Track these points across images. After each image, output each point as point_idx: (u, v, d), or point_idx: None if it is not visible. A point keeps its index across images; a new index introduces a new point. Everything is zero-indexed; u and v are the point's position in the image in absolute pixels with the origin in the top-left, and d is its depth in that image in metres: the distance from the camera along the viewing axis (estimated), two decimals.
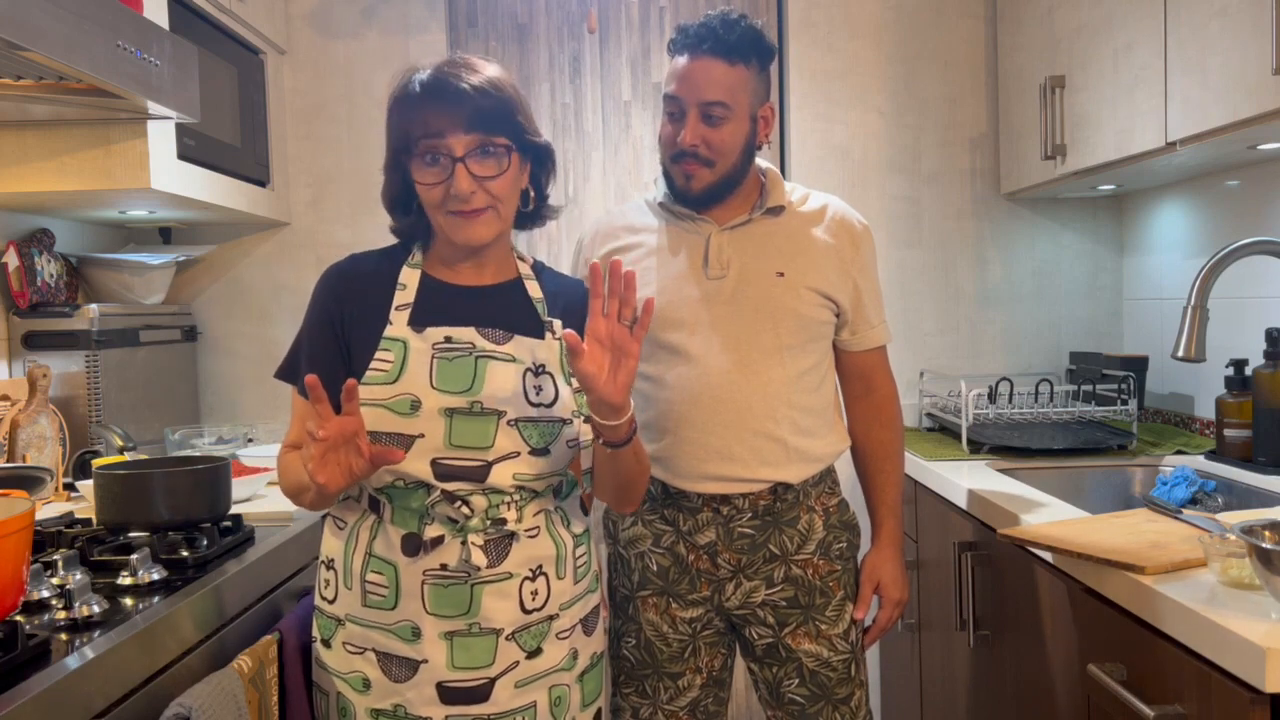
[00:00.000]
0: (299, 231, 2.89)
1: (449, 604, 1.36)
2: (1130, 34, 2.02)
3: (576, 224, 2.92)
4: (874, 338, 1.78)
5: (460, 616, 1.36)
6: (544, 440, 1.38)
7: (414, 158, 1.36)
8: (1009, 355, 2.89)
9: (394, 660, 1.38)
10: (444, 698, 1.37)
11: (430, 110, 1.34)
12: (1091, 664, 1.41)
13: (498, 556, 1.37)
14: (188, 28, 2.23)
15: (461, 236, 1.38)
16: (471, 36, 2.94)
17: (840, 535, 1.74)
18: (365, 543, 1.40)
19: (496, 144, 1.36)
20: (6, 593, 1.16)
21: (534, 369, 1.40)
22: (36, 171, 2.04)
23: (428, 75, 1.36)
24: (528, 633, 1.40)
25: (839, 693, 1.70)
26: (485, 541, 1.36)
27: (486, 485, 1.36)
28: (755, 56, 1.64)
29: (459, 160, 1.33)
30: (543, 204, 1.49)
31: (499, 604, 1.37)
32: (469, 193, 1.34)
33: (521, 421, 1.37)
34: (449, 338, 1.38)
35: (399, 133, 1.38)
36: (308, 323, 1.45)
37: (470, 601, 1.36)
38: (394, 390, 1.35)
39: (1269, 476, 1.93)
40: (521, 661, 1.40)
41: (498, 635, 1.37)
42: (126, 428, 2.22)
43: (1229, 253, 1.76)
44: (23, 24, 1.44)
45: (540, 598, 1.40)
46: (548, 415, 1.38)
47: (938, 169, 2.86)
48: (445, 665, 1.36)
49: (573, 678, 1.46)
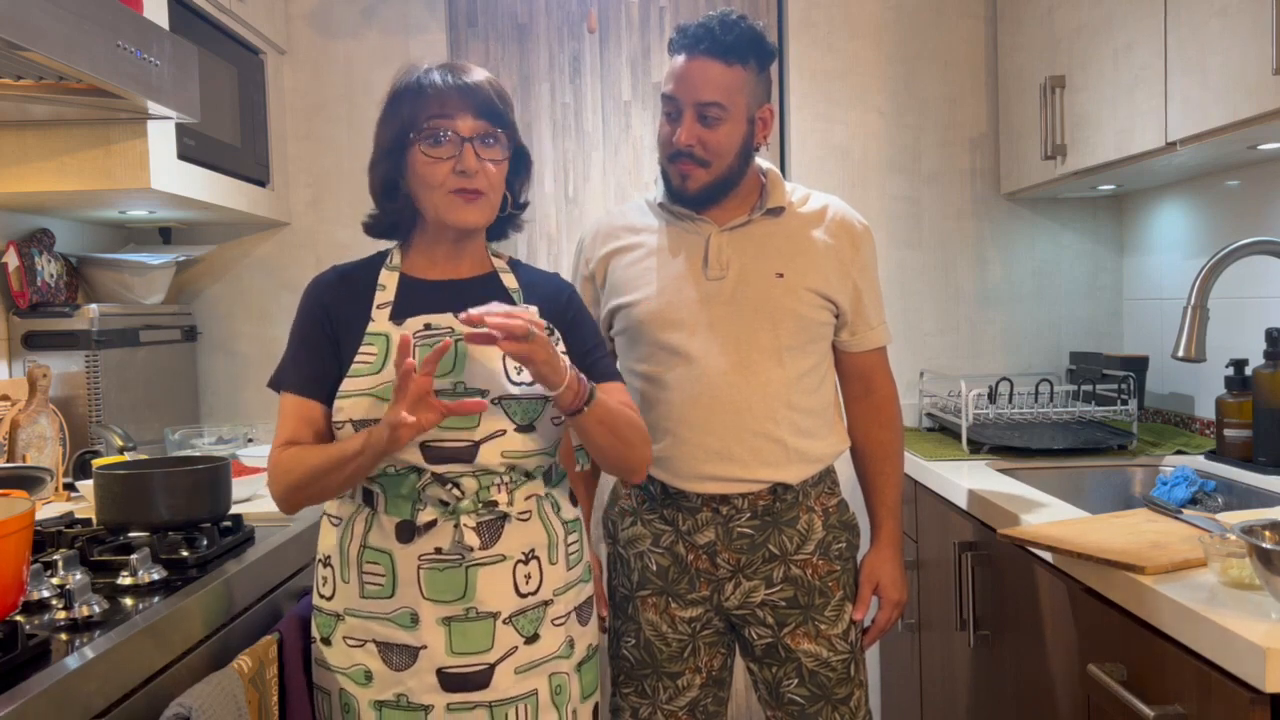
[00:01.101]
0: (299, 231, 2.89)
1: (445, 588, 1.39)
2: (1130, 34, 2.02)
3: (577, 224, 2.92)
4: (874, 339, 1.78)
5: (457, 601, 1.39)
6: (528, 417, 1.42)
7: (419, 139, 1.41)
8: (1009, 355, 2.89)
9: (394, 649, 1.40)
10: (444, 684, 1.39)
11: (442, 95, 1.41)
12: (1091, 664, 1.41)
13: (491, 538, 1.40)
14: (188, 28, 2.23)
15: (456, 217, 1.43)
16: (471, 36, 2.94)
17: (840, 535, 1.74)
18: (360, 535, 1.43)
19: (498, 134, 1.44)
20: (6, 593, 1.16)
21: None
22: (36, 171, 2.04)
23: (439, 68, 1.44)
24: (524, 617, 1.42)
25: (838, 693, 1.70)
26: (478, 523, 1.40)
27: (476, 466, 1.39)
28: (754, 57, 1.64)
29: (467, 140, 1.40)
30: (515, 210, 1.54)
31: (494, 586, 1.40)
32: (475, 170, 1.40)
33: (504, 400, 1.41)
34: (429, 325, 1.43)
35: (406, 116, 1.42)
36: (297, 331, 1.50)
37: (466, 585, 1.39)
38: (379, 379, 1.40)
39: (1269, 476, 1.93)
40: (520, 647, 1.42)
41: (495, 619, 1.40)
42: (126, 428, 2.22)
43: (1229, 253, 1.76)
44: (23, 24, 1.44)
45: (534, 581, 1.43)
46: (529, 393, 1.41)
47: (938, 169, 2.86)
48: (444, 651, 1.39)
49: (571, 666, 1.49)
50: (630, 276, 1.72)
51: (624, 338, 1.75)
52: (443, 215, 1.43)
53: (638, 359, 1.72)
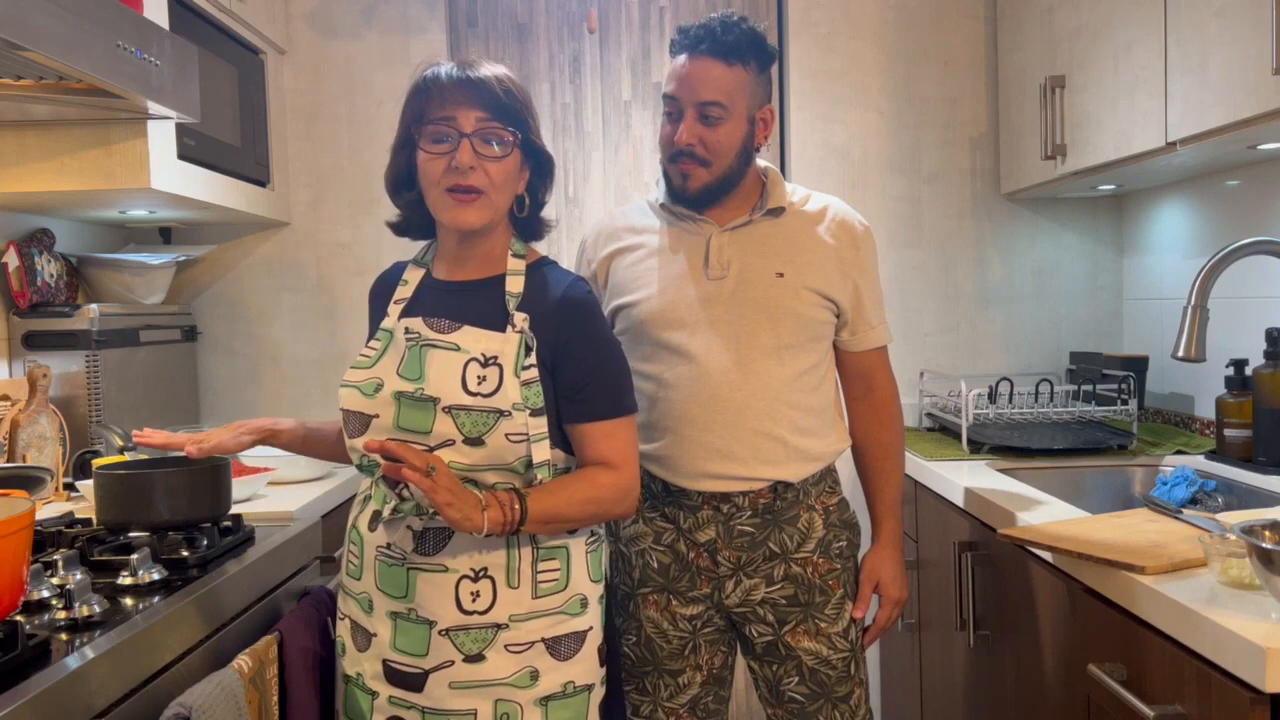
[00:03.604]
0: (299, 231, 2.89)
1: (391, 583, 1.42)
2: (1130, 34, 2.02)
3: (577, 224, 2.92)
4: (874, 338, 1.78)
5: (401, 599, 1.41)
6: (477, 430, 1.36)
7: (423, 135, 1.41)
8: (1009, 355, 2.89)
9: (359, 630, 1.46)
10: (388, 676, 1.42)
11: (448, 91, 1.40)
12: (1091, 664, 1.41)
13: (434, 547, 1.40)
14: (188, 28, 2.23)
15: (450, 217, 1.42)
16: (471, 36, 2.93)
17: (840, 534, 1.74)
18: (356, 514, 1.49)
19: (503, 132, 1.41)
20: (6, 593, 1.16)
21: (481, 359, 1.39)
22: (36, 171, 2.04)
23: (450, 64, 1.43)
24: (466, 634, 1.39)
25: (838, 691, 1.70)
26: (424, 529, 1.40)
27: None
28: (754, 58, 1.64)
29: (466, 136, 1.39)
30: (537, 212, 1.51)
31: (434, 595, 1.39)
32: (469, 166, 1.38)
33: (454, 409, 1.37)
34: (408, 329, 1.45)
35: (415, 112, 1.43)
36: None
37: (407, 585, 1.40)
38: (367, 374, 1.45)
39: (1269, 476, 1.93)
40: (458, 662, 1.39)
41: (431, 627, 1.39)
42: (126, 428, 2.22)
43: (1229, 253, 1.76)
44: (23, 24, 1.44)
45: (483, 601, 1.39)
46: (483, 405, 1.36)
47: (938, 169, 2.86)
48: (389, 644, 1.42)
49: (529, 699, 1.40)
50: (632, 277, 1.73)
51: (625, 338, 1.75)
52: (439, 215, 1.43)
53: (639, 358, 1.72)
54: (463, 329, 1.42)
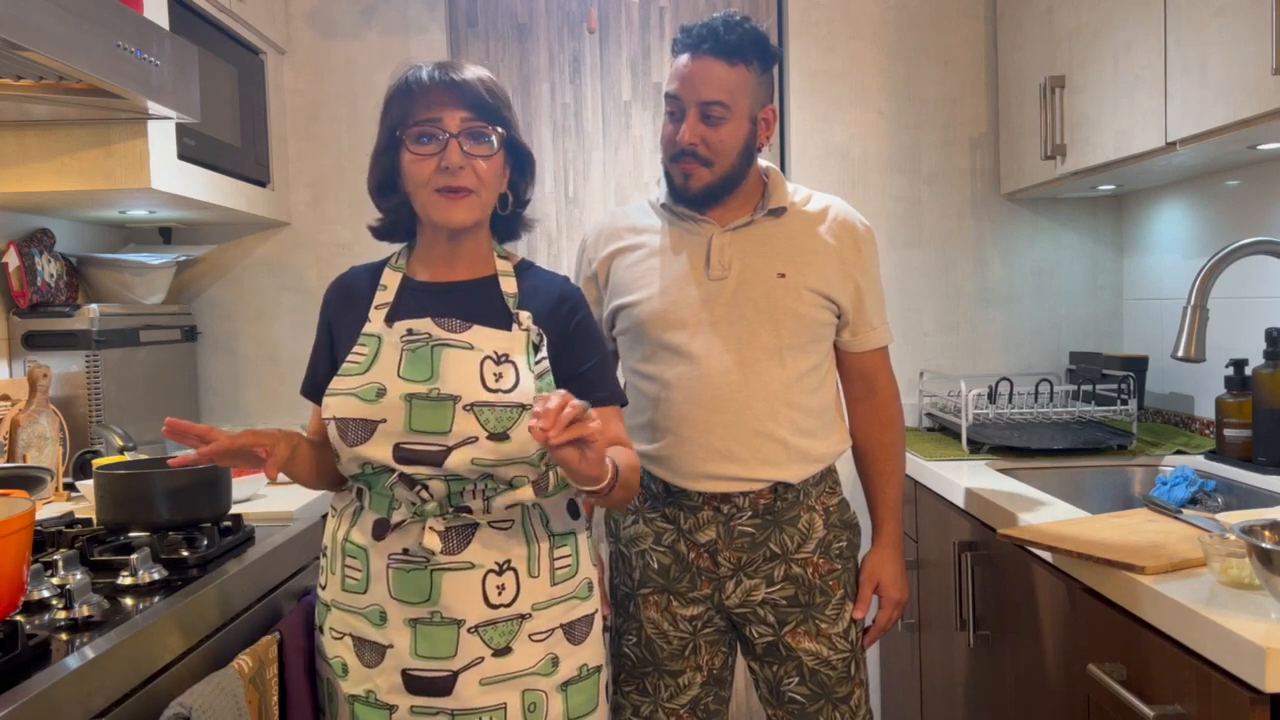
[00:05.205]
0: (299, 231, 2.89)
1: (411, 589, 1.39)
2: (1130, 34, 2.02)
3: (577, 224, 2.92)
4: (875, 339, 1.78)
5: (423, 604, 1.39)
6: (501, 425, 1.37)
7: (409, 137, 1.41)
8: (1009, 355, 2.89)
9: (366, 645, 1.42)
10: (408, 686, 1.39)
11: (432, 93, 1.40)
12: (1091, 664, 1.41)
13: (458, 545, 1.39)
14: (188, 28, 2.23)
15: (443, 216, 1.42)
16: (471, 36, 2.94)
17: (840, 534, 1.74)
18: (346, 528, 1.45)
19: (488, 130, 1.42)
20: (6, 593, 1.16)
21: (495, 357, 1.40)
22: (36, 171, 2.04)
23: (430, 66, 1.43)
24: (494, 629, 1.40)
25: (839, 691, 1.70)
26: (446, 528, 1.39)
27: (446, 470, 1.38)
28: (756, 58, 1.65)
29: (453, 136, 1.39)
30: (519, 211, 1.53)
31: (460, 594, 1.38)
32: (459, 166, 1.39)
33: (477, 406, 1.37)
34: (410, 330, 1.43)
35: (398, 114, 1.43)
36: (316, 336, 1.55)
37: (430, 588, 1.38)
38: (363, 380, 1.41)
39: (1269, 476, 1.93)
40: (487, 658, 1.39)
41: (459, 626, 1.38)
42: (126, 428, 2.22)
43: (1229, 253, 1.76)
44: (23, 24, 1.44)
45: (508, 593, 1.40)
46: (505, 400, 1.38)
47: (938, 169, 2.86)
48: (409, 652, 1.39)
49: (551, 685, 1.43)
50: (632, 277, 1.73)
51: (626, 338, 1.75)
52: (430, 215, 1.43)
53: (640, 359, 1.72)
54: (474, 328, 1.42)
